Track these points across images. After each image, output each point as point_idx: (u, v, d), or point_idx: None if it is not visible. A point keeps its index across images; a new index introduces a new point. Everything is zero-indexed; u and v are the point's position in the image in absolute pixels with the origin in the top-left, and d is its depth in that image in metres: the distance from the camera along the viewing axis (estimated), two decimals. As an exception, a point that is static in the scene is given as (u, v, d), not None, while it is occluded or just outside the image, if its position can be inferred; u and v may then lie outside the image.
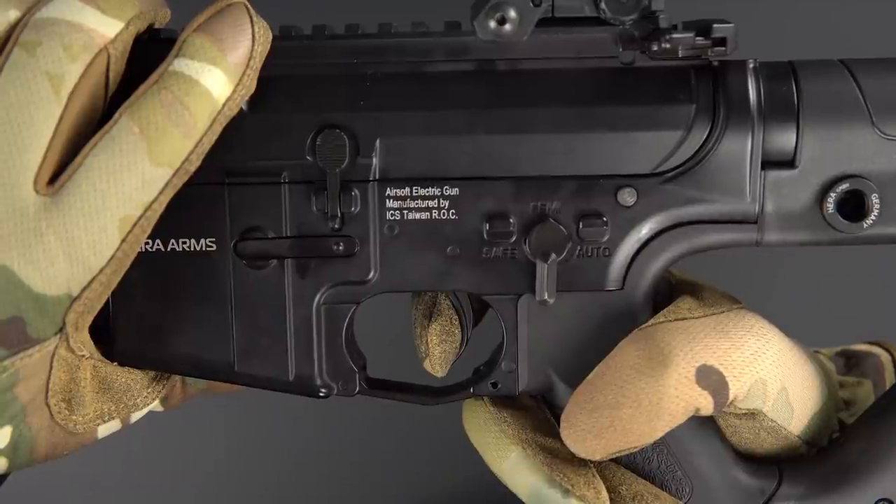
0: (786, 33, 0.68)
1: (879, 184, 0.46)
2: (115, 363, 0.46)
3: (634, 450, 0.46)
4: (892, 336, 0.57)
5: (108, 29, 0.42)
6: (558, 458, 0.48)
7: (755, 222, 0.47)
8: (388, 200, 0.47)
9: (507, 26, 0.45)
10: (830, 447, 0.51)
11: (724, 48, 0.45)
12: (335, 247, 0.47)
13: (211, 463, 0.78)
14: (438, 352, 0.49)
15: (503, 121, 0.46)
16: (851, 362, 0.55)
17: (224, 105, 0.43)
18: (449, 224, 0.47)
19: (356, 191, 0.46)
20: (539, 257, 0.46)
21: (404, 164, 0.46)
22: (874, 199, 0.46)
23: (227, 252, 0.47)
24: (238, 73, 0.43)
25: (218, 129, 0.43)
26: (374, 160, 0.46)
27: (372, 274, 0.47)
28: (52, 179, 0.41)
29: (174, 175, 0.43)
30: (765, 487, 0.49)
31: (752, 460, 0.50)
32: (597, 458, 0.46)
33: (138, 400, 0.47)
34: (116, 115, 0.42)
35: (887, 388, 0.53)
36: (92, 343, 0.45)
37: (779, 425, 0.49)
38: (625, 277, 0.47)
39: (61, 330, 0.43)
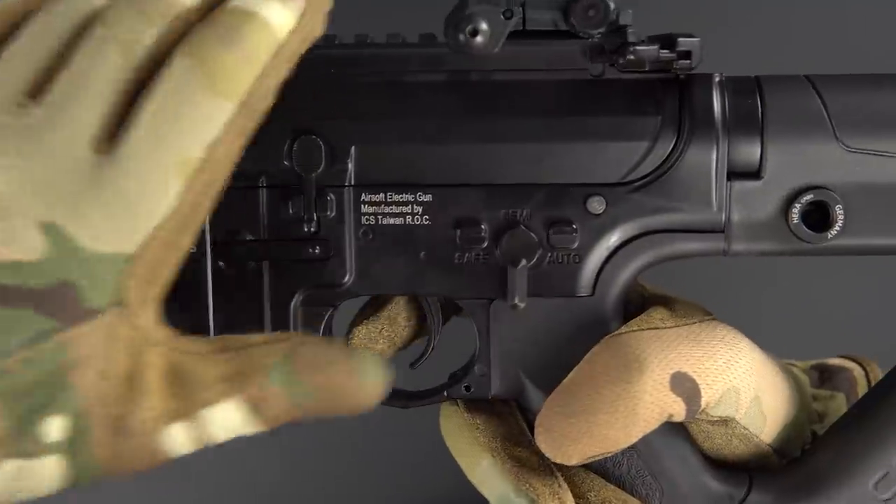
0: (755, 48, 0.69)
1: (843, 195, 0.47)
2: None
3: (608, 455, 0.47)
4: (865, 348, 0.58)
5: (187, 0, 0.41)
6: (526, 468, 0.49)
7: (722, 231, 0.48)
8: (363, 206, 0.48)
9: (479, 38, 0.46)
10: (800, 457, 0.51)
11: (689, 61, 0.46)
12: (311, 250, 0.48)
13: (204, 463, 0.78)
14: None
15: (475, 130, 0.48)
16: (825, 376, 0.56)
17: (287, 38, 0.40)
18: (422, 229, 0.48)
19: (332, 196, 0.48)
20: (510, 263, 0.48)
21: (379, 170, 0.48)
22: (838, 210, 0.47)
23: (207, 255, 0.48)
24: (299, 7, 0.41)
25: (284, 65, 0.40)
26: (350, 166, 0.48)
27: (347, 277, 0.48)
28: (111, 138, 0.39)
29: (238, 111, 0.39)
30: (734, 494, 0.50)
31: (723, 467, 0.50)
32: (572, 462, 0.47)
33: (210, 394, 0.40)
34: (169, 57, 0.39)
35: (858, 400, 0.54)
36: (165, 325, 0.40)
37: (751, 433, 0.49)
38: (595, 284, 0.48)
39: (120, 302, 0.38)
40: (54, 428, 0.38)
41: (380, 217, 0.48)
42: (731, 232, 0.48)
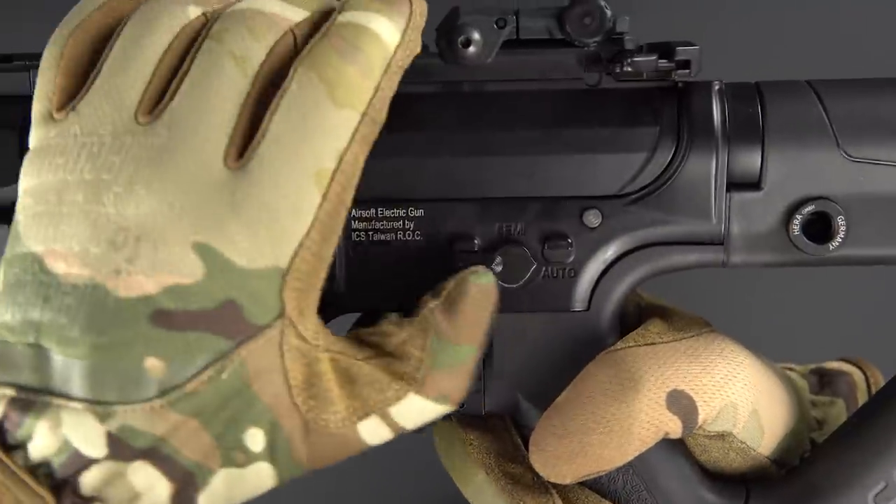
0: (753, 54, 0.67)
1: (845, 206, 0.46)
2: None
3: (603, 473, 0.46)
4: (866, 353, 0.57)
5: (293, 14, 0.42)
6: (520, 485, 0.48)
7: (721, 244, 0.47)
8: (353, 221, 0.47)
9: (472, 48, 0.45)
10: (798, 468, 0.51)
11: (688, 70, 0.45)
12: None
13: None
14: None
15: (468, 142, 0.46)
16: (824, 380, 0.55)
17: (396, 52, 0.41)
18: (414, 245, 0.47)
19: None
20: (503, 278, 0.47)
21: (369, 185, 0.46)
22: (840, 221, 0.46)
23: None
24: (402, 25, 0.42)
25: (394, 78, 0.41)
26: None
27: (340, 293, 0.47)
28: (241, 155, 0.40)
29: (361, 120, 0.40)
30: None
31: (720, 479, 0.50)
32: (567, 481, 0.46)
33: (388, 394, 0.42)
34: (291, 70, 0.40)
35: (858, 406, 0.53)
36: (328, 331, 0.41)
37: (748, 446, 0.49)
38: (591, 298, 0.47)
39: (283, 315, 0.39)
40: (255, 439, 0.40)
41: (370, 233, 0.47)
42: (730, 244, 0.47)
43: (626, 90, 0.47)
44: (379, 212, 0.47)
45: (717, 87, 0.47)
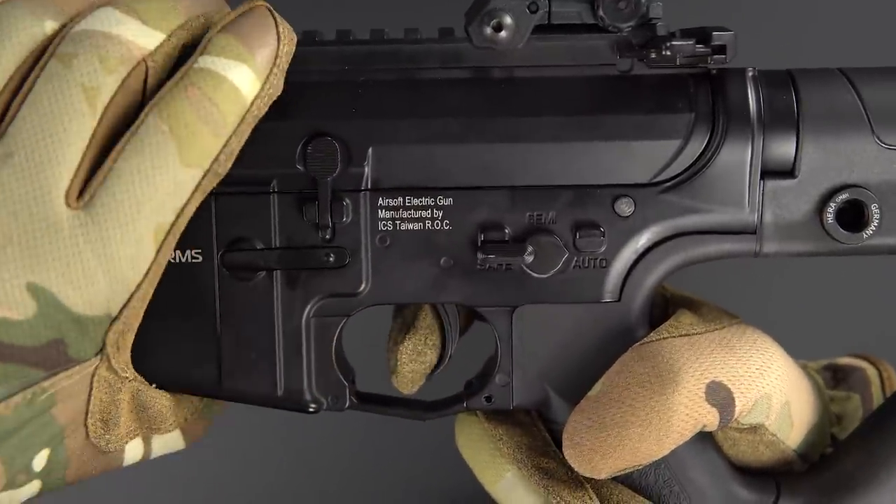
0: (783, 41, 0.67)
1: (879, 194, 0.45)
2: (154, 386, 0.45)
3: (639, 468, 0.46)
4: (883, 348, 0.57)
5: (148, 41, 0.41)
6: (554, 479, 0.47)
7: (754, 232, 0.46)
8: (380, 210, 0.46)
9: (503, 33, 0.44)
10: (826, 460, 0.50)
11: (723, 56, 0.44)
12: (326, 258, 0.45)
13: (204, 463, 0.76)
14: (407, 370, 0.48)
15: (498, 129, 0.45)
16: (838, 376, 0.55)
17: (252, 104, 0.42)
18: (442, 234, 0.46)
19: (347, 200, 0.45)
20: (535, 268, 0.46)
21: (397, 173, 0.45)
22: (874, 209, 0.45)
23: (214, 263, 0.45)
24: (265, 72, 0.42)
25: (246, 129, 0.42)
26: (366, 169, 0.45)
27: (363, 286, 0.46)
28: (83, 192, 0.40)
29: (204, 177, 0.41)
30: (763, 501, 0.48)
31: (749, 473, 0.49)
32: (602, 476, 0.45)
33: (163, 426, 0.46)
34: (142, 114, 0.41)
35: (874, 401, 0.53)
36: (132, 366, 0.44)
37: (778, 439, 0.48)
38: (622, 289, 0.47)
39: (101, 350, 0.42)
40: (41, 459, 0.42)
41: (398, 222, 0.46)
42: (763, 233, 0.46)
43: (659, 76, 0.46)
44: (407, 200, 0.45)
45: (750, 74, 0.46)
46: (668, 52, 0.44)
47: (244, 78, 0.41)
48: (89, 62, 0.40)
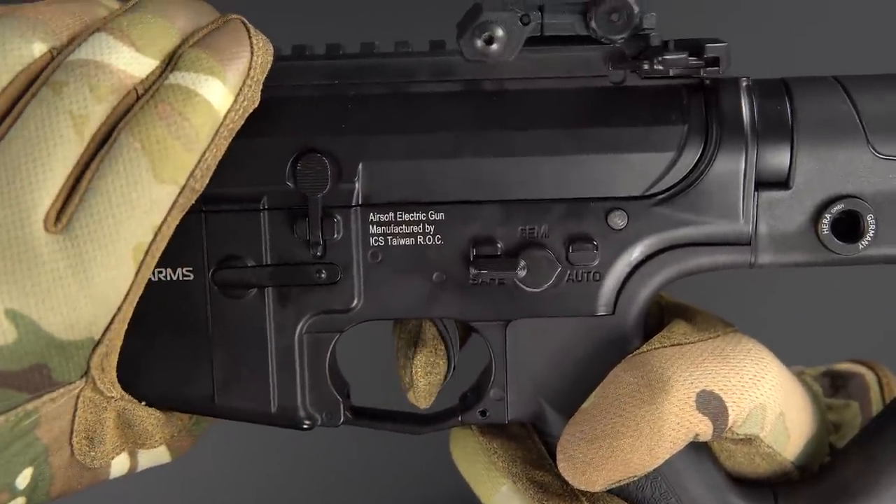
0: (777, 47, 0.67)
1: (875, 204, 0.45)
2: (143, 403, 0.45)
3: (633, 479, 0.45)
4: (881, 354, 0.56)
5: (139, 69, 0.41)
6: (549, 493, 0.47)
7: (749, 244, 0.46)
8: (371, 226, 0.45)
9: (495, 46, 0.43)
10: (824, 469, 0.50)
11: (717, 68, 0.44)
12: (317, 275, 0.45)
13: (204, 463, 0.76)
14: (424, 384, 0.48)
15: (490, 143, 0.45)
16: (837, 383, 0.54)
17: (226, 117, 0.42)
18: (434, 249, 0.45)
19: (338, 217, 0.45)
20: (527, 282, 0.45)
21: (388, 188, 0.45)
22: (870, 220, 0.45)
23: (205, 281, 0.45)
24: (238, 84, 0.42)
25: (222, 143, 0.42)
26: (357, 185, 0.45)
27: (356, 302, 0.46)
28: (60, 215, 0.40)
29: (180, 193, 0.41)
30: None
31: (746, 484, 0.49)
32: (596, 489, 0.45)
33: (149, 442, 0.46)
34: (114, 134, 0.40)
35: (873, 407, 0.53)
36: (119, 385, 0.43)
37: (775, 451, 0.48)
38: (616, 302, 0.46)
39: (86, 373, 0.41)
40: (24, 478, 0.42)
41: (389, 238, 0.45)
42: (757, 244, 0.46)
43: (652, 88, 0.45)
44: (398, 215, 0.45)
45: (744, 84, 0.46)
46: (661, 66, 0.43)
47: (215, 91, 0.41)
48: (79, 90, 0.40)
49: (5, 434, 0.40)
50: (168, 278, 0.45)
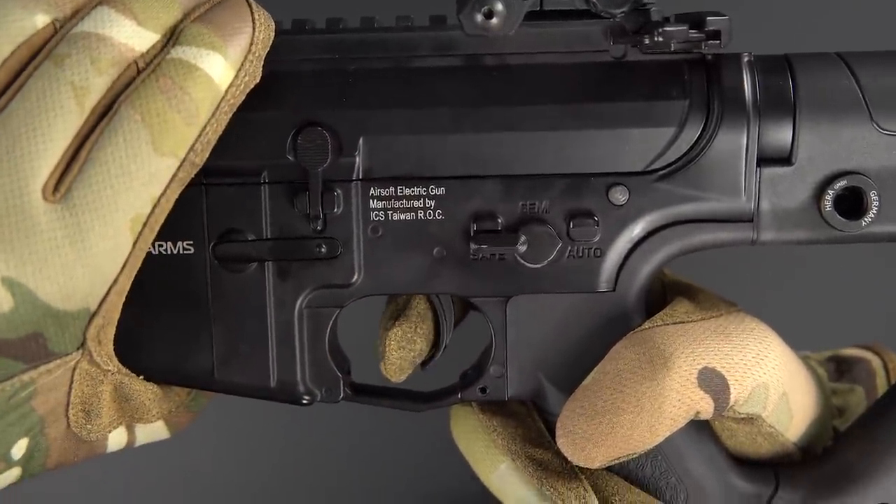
0: (780, 24, 0.66)
1: (878, 180, 0.45)
2: (142, 377, 0.45)
3: (633, 456, 0.45)
4: (886, 338, 0.56)
5: (140, 42, 0.41)
6: (548, 471, 0.47)
7: (751, 221, 0.46)
8: (371, 200, 0.45)
9: (495, 20, 0.43)
10: (829, 449, 0.50)
11: (718, 41, 0.44)
12: (317, 249, 0.45)
13: (205, 464, 0.76)
14: (395, 357, 0.48)
15: (491, 118, 0.45)
16: (842, 367, 0.54)
17: (227, 92, 0.42)
18: (435, 224, 0.45)
19: (339, 191, 0.45)
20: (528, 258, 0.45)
21: (389, 162, 0.45)
22: (873, 196, 0.45)
23: (205, 255, 0.45)
24: (239, 59, 0.42)
25: (223, 118, 0.42)
26: (357, 159, 0.45)
27: (356, 277, 0.46)
28: (59, 185, 0.40)
29: (180, 167, 0.41)
30: (762, 493, 0.48)
31: (747, 464, 0.49)
32: (595, 465, 0.45)
33: (146, 416, 0.46)
34: (115, 105, 0.41)
35: (878, 392, 0.53)
36: (116, 358, 0.43)
37: (777, 431, 0.48)
38: (617, 278, 0.46)
39: (83, 345, 0.42)
40: (20, 448, 0.42)
41: (390, 212, 0.45)
42: (760, 221, 0.45)
43: (653, 62, 0.45)
44: (398, 190, 0.45)
45: (746, 60, 0.45)
46: (661, 38, 0.43)
47: (216, 66, 0.41)
48: (81, 62, 0.40)
49: (1, 404, 0.40)
50: (168, 252, 0.45)
